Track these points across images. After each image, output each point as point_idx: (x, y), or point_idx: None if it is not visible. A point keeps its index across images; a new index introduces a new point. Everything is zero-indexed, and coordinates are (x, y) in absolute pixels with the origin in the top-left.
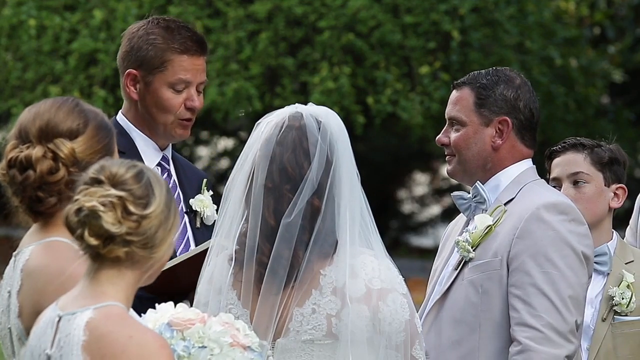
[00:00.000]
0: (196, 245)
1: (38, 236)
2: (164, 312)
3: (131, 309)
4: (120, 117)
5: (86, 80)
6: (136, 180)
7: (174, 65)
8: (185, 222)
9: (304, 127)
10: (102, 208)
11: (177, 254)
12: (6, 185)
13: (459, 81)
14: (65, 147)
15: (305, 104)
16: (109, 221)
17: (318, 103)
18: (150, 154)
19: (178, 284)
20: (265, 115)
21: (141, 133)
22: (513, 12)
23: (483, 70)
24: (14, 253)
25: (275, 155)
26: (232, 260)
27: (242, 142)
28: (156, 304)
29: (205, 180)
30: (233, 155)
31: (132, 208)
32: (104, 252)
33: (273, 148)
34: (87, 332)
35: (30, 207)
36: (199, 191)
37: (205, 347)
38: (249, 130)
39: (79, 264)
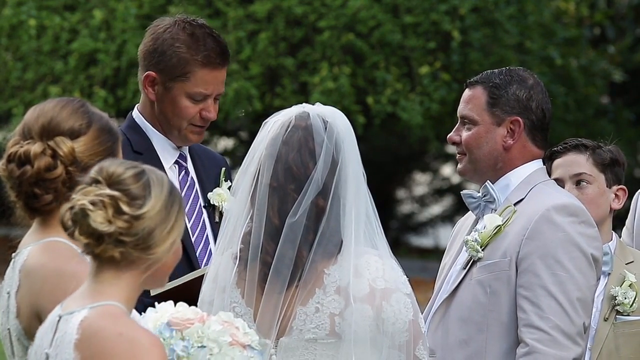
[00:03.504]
0: (215, 240)
1: (36, 236)
2: (164, 311)
3: (134, 312)
4: (136, 114)
5: (86, 80)
6: (134, 180)
7: (196, 78)
8: (203, 218)
9: (310, 127)
10: (91, 207)
11: (197, 250)
12: (5, 180)
13: (472, 80)
14: (65, 145)
15: (308, 104)
16: (97, 220)
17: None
18: (167, 153)
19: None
20: (272, 115)
21: (157, 132)
22: (513, 12)
23: (496, 70)
24: (13, 254)
25: (280, 155)
26: (236, 258)
27: (242, 142)
28: (156, 303)
29: (223, 170)
30: (233, 155)
31: (125, 208)
32: (98, 251)
33: (279, 147)
34: (79, 331)
35: (26, 203)
36: (217, 183)
37: (205, 346)
38: (249, 130)
39: (76, 264)
